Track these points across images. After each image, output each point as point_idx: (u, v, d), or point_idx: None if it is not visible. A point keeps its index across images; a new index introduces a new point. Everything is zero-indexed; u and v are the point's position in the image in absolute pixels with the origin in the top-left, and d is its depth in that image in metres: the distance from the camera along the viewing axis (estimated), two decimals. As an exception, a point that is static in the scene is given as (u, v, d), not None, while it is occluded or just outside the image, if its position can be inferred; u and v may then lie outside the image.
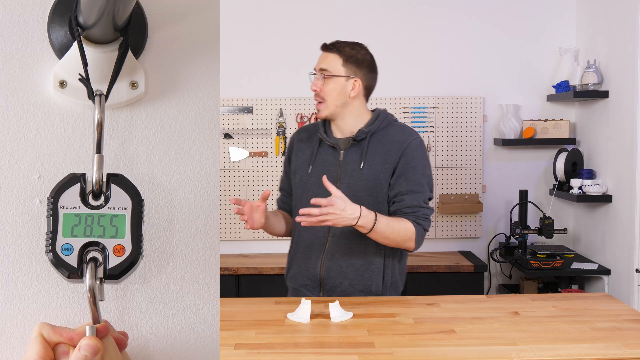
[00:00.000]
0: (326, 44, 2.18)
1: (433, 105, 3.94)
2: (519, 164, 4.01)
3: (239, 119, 3.93)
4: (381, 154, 2.13)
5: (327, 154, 2.18)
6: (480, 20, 3.95)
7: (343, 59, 2.14)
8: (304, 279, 2.20)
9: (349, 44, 2.18)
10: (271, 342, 1.71)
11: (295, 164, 2.25)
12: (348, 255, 2.14)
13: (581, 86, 3.60)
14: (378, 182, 2.12)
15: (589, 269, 3.52)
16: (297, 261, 2.23)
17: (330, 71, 2.13)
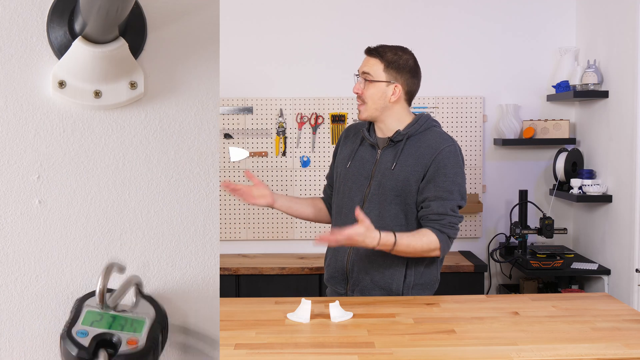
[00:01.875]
0: (370, 48, 2.23)
1: (433, 105, 3.94)
2: (519, 164, 4.01)
3: (239, 119, 3.93)
4: (414, 156, 2.16)
5: (366, 151, 2.24)
6: (480, 20, 3.95)
7: (384, 65, 2.19)
8: (334, 270, 2.27)
9: (391, 49, 2.23)
10: (271, 342, 1.71)
11: (339, 158, 2.33)
12: (372, 252, 2.16)
13: (581, 86, 3.60)
14: (407, 184, 2.15)
15: (589, 269, 3.52)
16: (330, 251, 2.30)
17: (372, 75, 2.18)
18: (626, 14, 3.29)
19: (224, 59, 3.93)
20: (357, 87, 2.20)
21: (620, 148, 3.37)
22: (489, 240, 4.00)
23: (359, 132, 2.30)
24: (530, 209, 3.84)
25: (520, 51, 3.96)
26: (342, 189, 2.26)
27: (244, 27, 3.93)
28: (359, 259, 2.20)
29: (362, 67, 2.22)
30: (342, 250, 2.23)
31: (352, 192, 2.22)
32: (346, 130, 2.40)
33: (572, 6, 3.94)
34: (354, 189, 2.22)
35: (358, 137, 2.30)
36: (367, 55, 2.23)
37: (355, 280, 2.21)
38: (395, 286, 2.19)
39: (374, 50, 2.22)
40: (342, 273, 2.24)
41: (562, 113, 3.96)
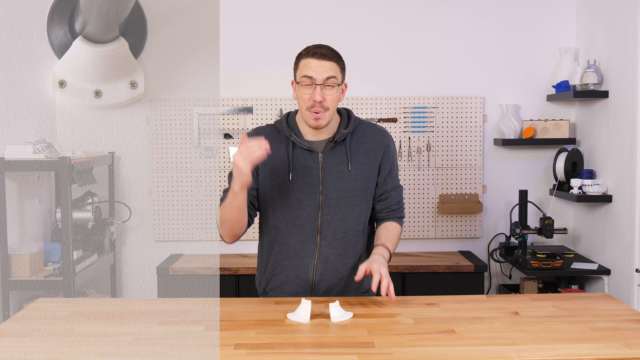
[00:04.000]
0: (323, 52, 2.09)
1: (433, 105, 3.94)
2: (519, 164, 4.01)
3: (239, 119, 3.93)
4: (364, 154, 2.17)
5: (305, 157, 2.14)
6: (480, 20, 3.95)
7: (340, 67, 2.12)
8: (294, 286, 2.19)
9: (332, 49, 2.14)
10: (271, 342, 1.71)
11: (266, 169, 2.14)
12: (342, 256, 2.17)
13: (581, 86, 3.60)
14: (367, 181, 2.18)
15: (589, 269, 3.52)
16: (283, 270, 2.19)
17: (337, 79, 2.09)
18: (626, 14, 3.29)
19: (224, 59, 3.93)
20: (320, 94, 2.04)
21: (620, 148, 3.37)
22: (489, 240, 4.00)
23: (276, 139, 2.15)
24: (530, 209, 3.84)
25: (520, 51, 3.96)
26: (288, 202, 2.13)
27: (245, 28, 3.93)
28: (330, 267, 2.16)
29: (322, 72, 2.05)
30: (303, 265, 2.16)
31: (302, 203, 2.13)
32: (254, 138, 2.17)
33: (572, 6, 3.94)
34: (304, 199, 2.12)
35: (282, 145, 2.14)
36: (320, 59, 2.07)
37: (326, 288, 2.18)
38: (367, 283, 2.23)
39: (330, 54, 2.09)
40: (306, 287, 2.18)
41: (562, 113, 3.96)
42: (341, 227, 2.15)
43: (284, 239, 2.18)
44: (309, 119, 2.09)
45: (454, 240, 4.03)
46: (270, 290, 2.24)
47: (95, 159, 3.53)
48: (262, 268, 2.26)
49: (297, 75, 2.13)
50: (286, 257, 2.19)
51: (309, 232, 2.15)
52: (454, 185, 3.97)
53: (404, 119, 3.92)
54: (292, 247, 2.17)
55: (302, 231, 2.15)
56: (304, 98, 2.09)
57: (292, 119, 2.20)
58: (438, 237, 4.00)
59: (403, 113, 3.93)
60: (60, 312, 1.99)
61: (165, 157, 3.93)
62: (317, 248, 2.16)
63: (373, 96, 3.92)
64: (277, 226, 2.18)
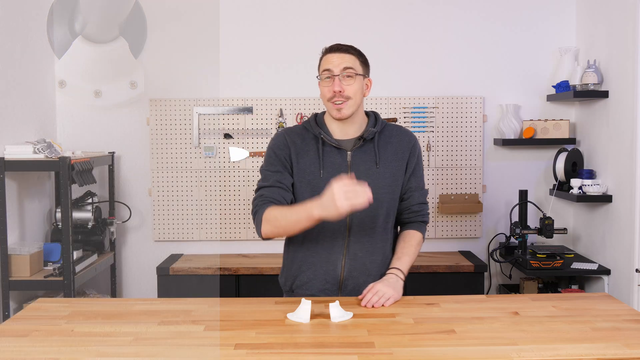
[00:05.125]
0: (339, 45, 2.15)
1: (433, 105, 3.94)
2: (519, 164, 4.01)
3: (239, 119, 3.93)
4: (392, 153, 2.20)
5: (334, 155, 2.17)
6: (480, 20, 3.95)
7: (360, 60, 2.16)
8: (322, 282, 2.19)
9: (351, 45, 2.20)
10: (271, 342, 1.71)
11: (298, 166, 2.17)
12: (370, 252, 2.19)
13: (581, 86, 3.60)
14: (395, 179, 2.20)
15: (589, 269, 3.52)
16: (311, 266, 2.20)
17: (355, 70, 2.12)
18: (626, 14, 3.29)
19: (224, 59, 3.94)
20: (338, 84, 2.09)
21: (620, 148, 3.37)
22: (489, 240, 4.00)
23: (306, 138, 2.19)
24: (530, 209, 3.84)
25: (520, 51, 3.96)
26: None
27: (245, 28, 3.93)
28: (358, 263, 2.18)
29: (339, 64, 2.11)
30: (332, 261, 2.17)
31: None
32: (287, 135, 2.22)
33: (572, 6, 3.94)
34: None
35: (311, 142, 2.18)
36: (337, 52, 2.13)
37: (355, 285, 2.18)
38: None
39: (346, 47, 2.15)
40: (334, 283, 2.18)
41: (562, 113, 3.96)
42: (369, 224, 2.17)
43: (313, 235, 2.18)
44: (332, 110, 2.14)
45: (454, 240, 4.03)
46: (297, 288, 2.24)
47: (95, 159, 3.53)
48: (289, 265, 2.26)
49: (319, 72, 2.18)
50: (314, 253, 2.19)
51: (338, 229, 2.16)
52: (454, 185, 3.97)
53: (404, 118, 3.92)
54: (320, 244, 2.18)
55: (331, 228, 2.16)
56: (325, 91, 2.14)
57: (320, 119, 2.24)
58: (438, 237, 4.00)
59: (403, 113, 3.93)
60: (60, 312, 1.99)
61: (165, 157, 3.93)
62: (346, 245, 2.17)
63: (373, 96, 3.92)
64: None
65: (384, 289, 2.06)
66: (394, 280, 2.12)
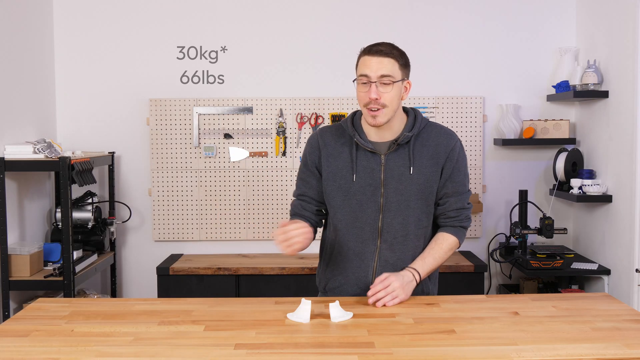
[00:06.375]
0: (379, 47, 2.06)
1: (433, 105, 3.94)
2: (519, 164, 4.01)
3: (239, 119, 3.93)
4: (427, 157, 2.13)
5: (367, 159, 2.12)
6: (480, 20, 3.95)
7: (399, 63, 2.08)
8: (354, 287, 2.17)
9: (392, 45, 2.11)
10: (271, 342, 1.70)
11: (329, 169, 2.14)
12: (402, 260, 2.14)
13: (581, 86, 3.60)
14: (428, 185, 2.13)
15: (589, 269, 3.52)
16: (343, 271, 2.18)
17: (393, 77, 2.04)
18: (626, 14, 3.29)
19: (224, 59, 3.94)
20: (375, 91, 2.02)
21: (620, 148, 3.37)
22: (489, 240, 4.00)
23: (341, 138, 2.16)
24: (530, 209, 3.84)
25: (520, 51, 3.96)
26: (349, 203, 2.12)
27: (244, 28, 3.93)
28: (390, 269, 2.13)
29: (377, 70, 2.03)
30: (363, 267, 2.15)
31: (363, 205, 2.11)
32: (319, 137, 2.19)
33: (572, 6, 3.94)
34: (364, 201, 2.10)
35: (346, 145, 2.14)
36: (375, 56, 2.05)
37: None
38: (424, 286, 2.22)
39: (386, 50, 2.06)
40: (365, 290, 2.12)
41: (562, 113, 3.96)
42: (401, 231, 2.12)
43: (344, 240, 2.16)
44: (367, 117, 2.07)
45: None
46: (329, 290, 2.23)
47: (95, 159, 3.53)
48: (323, 267, 2.26)
49: (357, 74, 2.10)
50: (345, 258, 2.17)
51: (369, 234, 2.13)
52: (454, 185, 3.96)
53: (404, 119, 3.92)
54: (352, 249, 2.15)
55: (363, 233, 2.13)
56: (361, 96, 2.07)
57: (357, 120, 2.18)
58: (438, 237, 3.99)
59: (403, 113, 3.93)
60: (60, 312, 1.99)
61: (165, 157, 3.93)
62: (377, 251, 2.14)
63: (373, 96, 3.91)
64: (337, 227, 2.16)
65: (396, 287, 2.01)
66: (408, 279, 2.06)
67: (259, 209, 3.95)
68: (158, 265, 3.69)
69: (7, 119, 3.32)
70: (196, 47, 3.93)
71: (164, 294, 3.61)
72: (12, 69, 3.38)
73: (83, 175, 3.29)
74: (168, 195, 3.95)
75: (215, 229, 3.96)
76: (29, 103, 3.57)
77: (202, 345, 1.68)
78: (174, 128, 3.91)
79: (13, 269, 3.23)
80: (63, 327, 1.85)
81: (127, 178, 3.98)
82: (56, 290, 3.36)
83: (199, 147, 3.92)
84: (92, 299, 2.20)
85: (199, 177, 3.95)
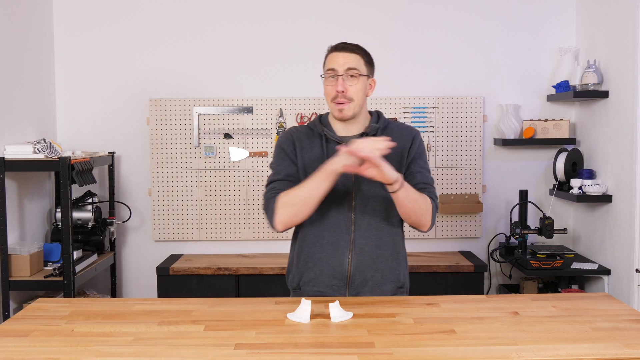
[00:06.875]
0: (345, 44, 2.19)
1: (433, 105, 3.94)
2: (519, 164, 4.01)
3: (239, 119, 3.93)
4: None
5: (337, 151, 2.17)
6: (480, 20, 3.95)
7: (364, 60, 2.19)
8: (330, 279, 2.19)
9: (357, 45, 2.22)
10: (271, 342, 1.71)
11: (302, 162, 2.21)
12: (378, 246, 2.19)
13: (581, 86, 3.60)
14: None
15: (589, 269, 3.52)
16: (318, 262, 2.19)
17: (359, 70, 2.15)
18: (626, 14, 3.29)
19: (225, 59, 3.94)
20: (342, 84, 2.13)
21: (620, 148, 3.37)
22: (489, 240, 4.00)
23: (311, 137, 2.23)
24: (530, 209, 3.84)
25: (520, 51, 3.96)
26: None
27: (245, 28, 3.93)
28: (365, 257, 2.17)
29: (343, 64, 2.14)
30: (338, 256, 2.17)
31: (336, 196, 2.16)
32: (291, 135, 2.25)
33: (572, 6, 3.94)
34: (337, 192, 2.15)
35: (316, 140, 2.21)
36: (342, 51, 2.16)
37: (362, 280, 2.18)
38: (402, 275, 2.24)
39: (351, 46, 2.19)
40: (341, 279, 2.17)
41: (562, 113, 3.96)
42: (374, 218, 2.18)
43: (319, 231, 2.19)
44: (334, 110, 2.18)
45: (454, 240, 4.03)
46: (304, 285, 2.23)
47: (95, 159, 3.53)
48: (296, 262, 2.26)
49: (324, 71, 2.22)
50: (320, 249, 2.19)
51: (343, 224, 2.17)
52: (454, 185, 3.97)
53: (404, 118, 3.92)
54: (326, 239, 2.18)
55: (337, 223, 2.17)
56: (328, 90, 2.18)
57: (324, 118, 2.28)
58: (438, 237, 4.00)
59: (403, 113, 3.93)
60: (60, 312, 1.99)
61: (165, 157, 3.93)
62: (352, 239, 2.17)
63: (373, 96, 3.92)
64: (312, 218, 2.19)
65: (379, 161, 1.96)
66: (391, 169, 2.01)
67: (259, 209, 3.95)
68: (158, 265, 3.69)
69: (7, 119, 3.32)
70: (196, 47, 3.93)
71: (164, 294, 3.61)
72: (12, 69, 3.38)
73: (83, 175, 3.29)
74: (168, 195, 3.95)
75: (215, 229, 3.97)
76: (29, 103, 3.57)
77: (202, 345, 1.68)
78: (174, 128, 3.91)
79: (13, 269, 3.23)
80: (63, 327, 1.85)
81: (127, 178, 3.98)
82: (56, 290, 3.35)
83: (199, 147, 3.92)
84: (92, 299, 2.20)
85: (199, 177, 3.95)
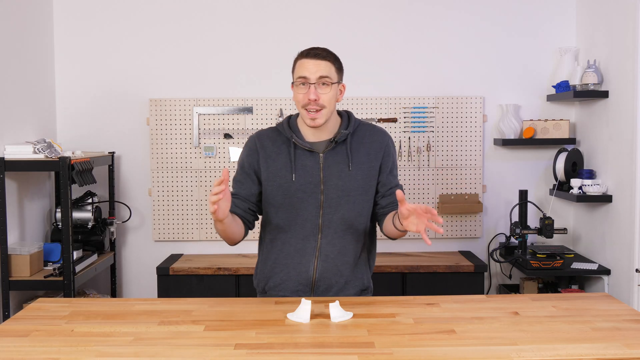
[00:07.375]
0: (316, 51, 2.17)
1: (433, 105, 3.94)
2: (519, 164, 4.01)
3: (239, 119, 3.93)
4: (364, 154, 2.21)
5: (306, 158, 2.18)
6: (480, 20, 3.95)
7: (335, 66, 2.17)
8: (295, 284, 2.20)
9: (328, 50, 2.20)
10: (271, 342, 1.71)
11: (268, 170, 2.19)
12: (342, 254, 2.20)
13: (581, 86, 3.60)
14: (368, 180, 2.20)
15: (589, 269, 3.52)
16: (284, 268, 2.21)
17: (331, 79, 2.13)
18: (626, 14, 3.29)
19: (224, 60, 3.94)
20: (314, 92, 2.10)
21: (620, 148, 3.37)
22: (489, 240, 4.00)
23: (278, 141, 2.20)
24: (530, 209, 3.84)
25: (520, 51, 3.96)
26: (290, 202, 2.17)
27: (244, 28, 3.93)
28: (330, 264, 2.18)
29: (315, 72, 2.11)
30: (304, 262, 2.18)
31: (304, 203, 2.16)
32: (256, 141, 2.23)
33: (572, 6, 3.94)
34: (305, 199, 2.16)
35: (283, 146, 2.19)
36: (313, 59, 2.14)
37: (327, 286, 2.19)
38: (366, 280, 2.26)
39: (324, 53, 2.16)
40: (306, 285, 2.19)
41: (562, 113, 3.96)
42: (341, 226, 2.19)
43: (286, 237, 2.21)
44: (306, 118, 2.14)
45: (454, 240, 4.03)
46: (269, 289, 2.25)
47: (95, 159, 3.53)
48: (262, 266, 2.28)
49: (294, 77, 2.19)
50: (287, 255, 2.21)
51: (310, 231, 2.18)
52: (454, 185, 3.97)
53: (404, 119, 3.92)
54: (293, 245, 2.20)
55: (304, 230, 2.18)
56: (299, 98, 2.15)
57: (293, 122, 2.25)
58: (438, 237, 4.00)
59: (403, 113, 3.93)
60: (60, 312, 1.99)
61: (165, 157, 3.93)
62: (318, 246, 2.18)
63: (373, 96, 3.92)
64: (279, 225, 2.22)
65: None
66: None
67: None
68: (158, 265, 3.69)
69: (7, 119, 3.32)
70: (196, 47, 3.93)
71: (164, 294, 3.61)
72: (12, 69, 3.38)
73: (83, 175, 3.29)
74: (168, 195, 3.95)
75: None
76: (29, 103, 3.57)
77: (202, 345, 1.68)
78: (174, 128, 3.91)
79: (13, 269, 3.23)
80: (63, 327, 1.85)
81: (127, 178, 3.98)
82: (56, 290, 3.35)
83: (199, 147, 3.92)
84: (92, 299, 2.20)
85: (199, 177, 3.95)
